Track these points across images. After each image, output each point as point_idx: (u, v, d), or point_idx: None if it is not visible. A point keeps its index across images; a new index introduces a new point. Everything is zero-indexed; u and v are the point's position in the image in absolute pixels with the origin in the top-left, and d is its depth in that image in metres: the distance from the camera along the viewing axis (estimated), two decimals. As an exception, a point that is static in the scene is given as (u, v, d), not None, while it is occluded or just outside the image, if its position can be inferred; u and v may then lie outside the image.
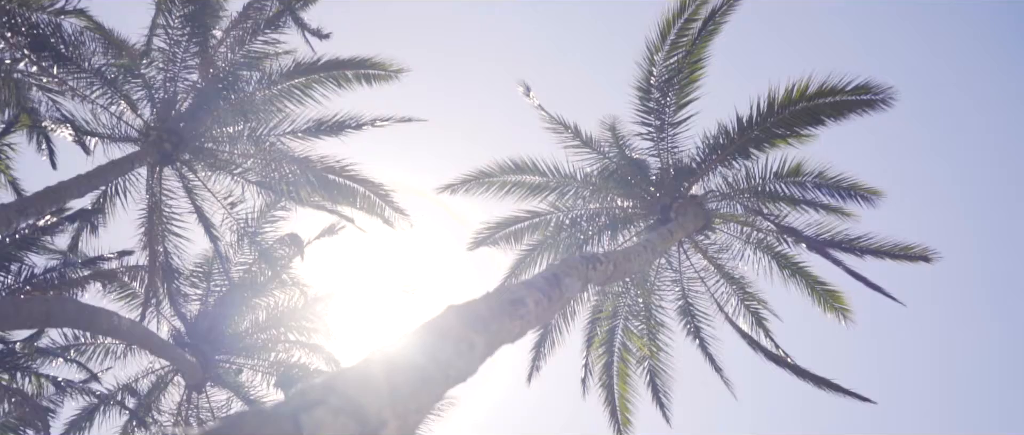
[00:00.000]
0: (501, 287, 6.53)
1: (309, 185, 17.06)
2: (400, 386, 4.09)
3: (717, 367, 15.10)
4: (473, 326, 5.38)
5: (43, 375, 16.63)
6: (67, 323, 11.88)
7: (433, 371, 4.52)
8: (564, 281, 7.53)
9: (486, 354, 5.49)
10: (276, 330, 19.33)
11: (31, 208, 11.30)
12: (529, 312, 6.45)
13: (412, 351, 4.53)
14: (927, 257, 13.37)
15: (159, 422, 19.14)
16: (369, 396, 3.73)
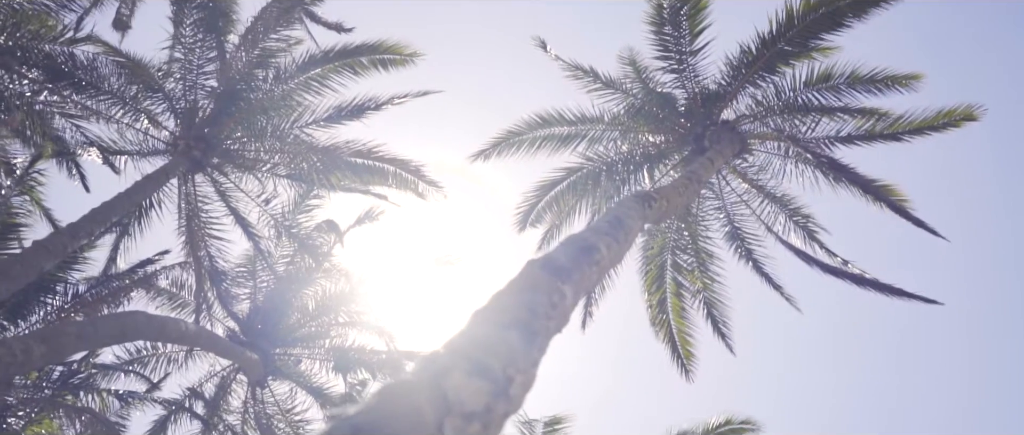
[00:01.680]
0: (571, 237, 6.56)
1: (339, 171, 17.14)
2: (513, 342, 4.15)
3: (776, 285, 15.05)
4: (558, 277, 5.44)
5: (106, 390, 16.98)
6: (140, 336, 12.10)
7: (537, 325, 4.58)
8: (626, 223, 7.55)
9: (574, 303, 5.55)
10: (326, 317, 19.55)
11: (82, 230, 11.45)
12: (603, 257, 6.49)
13: (513, 307, 4.58)
14: (972, 115, 13.12)
15: (227, 422, 19.51)
16: (491, 356, 3.79)
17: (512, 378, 3.80)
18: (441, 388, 3.25)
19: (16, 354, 7.47)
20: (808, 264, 14.68)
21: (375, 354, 18.78)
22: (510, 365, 3.85)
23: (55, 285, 14.29)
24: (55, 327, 8.62)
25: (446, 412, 3.11)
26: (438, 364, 3.49)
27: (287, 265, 19.01)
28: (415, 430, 2.90)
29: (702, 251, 15.59)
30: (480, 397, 3.43)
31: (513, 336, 4.18)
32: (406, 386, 3.14)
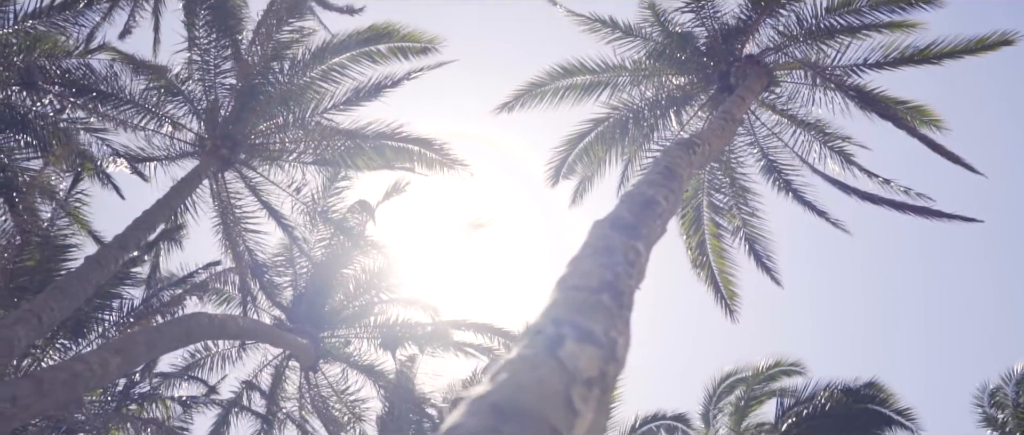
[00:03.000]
0: (630, 193, 6.59)
1: (364, 155, 17.21)
2: (608, 305, 4.20)
3: (820, 211, 14.96)
4: (629, 234, 5.48)
5: (168, 398, 17.35)
6: (204, 336, 12.32)
7: (622, 285, 4.63)
8: (677, 172, 7.58)
9: (647, 258, 5.60)
10: (368, 295, 19.70)
11: (130, 241, 11.60)
12: (664, 209, 6.53)
13: (596, 271, 4.63)
14: (1008, 40, 12.91)
15: (285, 409, 19.85)
16: (592, 322, 3.85)
17: (615, 340, 3.87)
18: (558, 359, 3.32)
19: (94, 368, 7.64)
20: (846, 193, 14.61)
21: (420, 327, 18.95)
22: (611, 328, 3.91)
23: (110, 301, 14.54)
24: (126, 337, 8.80)
25: (570, 381, 3.18)
26: (546, 335, 3.55)
27: (324, 249, 19.14)
28: (547, 402, 2.96)
29: (738, 188, 15.54)
30: (594, 363, 3.49)
31: (605, 299, 4.23)
32: (527, 361, 3.20)
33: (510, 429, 2.69)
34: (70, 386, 7.25)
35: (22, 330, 8.90)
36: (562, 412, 2.96)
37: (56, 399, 7.27)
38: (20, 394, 6.60)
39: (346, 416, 18.92)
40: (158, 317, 14.66)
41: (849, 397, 15.57)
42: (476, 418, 2.72)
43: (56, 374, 7.28)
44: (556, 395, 3.04)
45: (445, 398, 18.66)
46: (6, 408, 6.40)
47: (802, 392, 16.49)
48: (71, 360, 7.76)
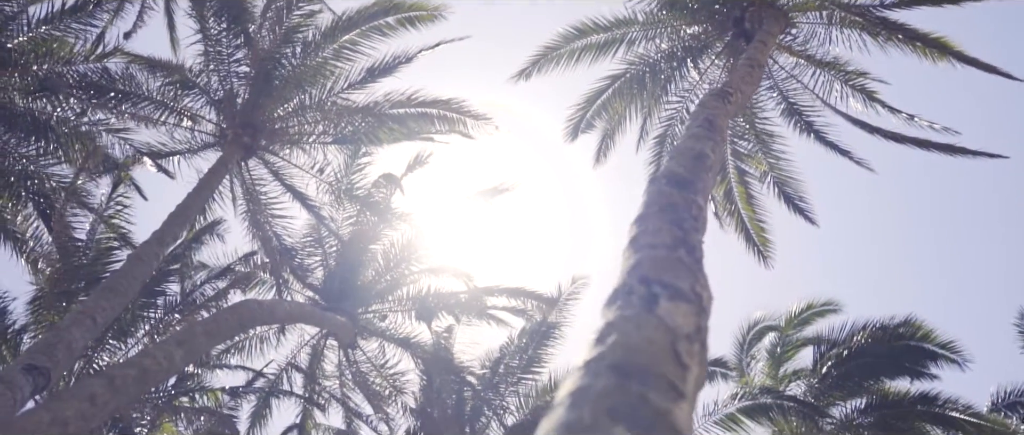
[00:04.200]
0: (679, 148, 6.67)
1: (384, 126, 17.28)
2: (686, 260, 4.30)
3: (843, 151, 14.91)
4: (687, 189, 5.56)
5: (216, 389, 17.66)
6: (256, 322, 12.52)
7: (692, 239, 4.73)
8: (717, 122, 7.64)
9: (706, 209, 5.70)
10: (399, 268, 19.81)
11: (167, 235, 11.75)
12: (713, 161, 6.61)
13: (666, 228, 4.72)
14: None
15: (326, 388, 20.10)
16: (678, 279, 3.94)
17: (700, 294, 3.97)
18: (659, 317, 3.42)
19: (161, 361, 7.81)
20: (869, 132, 14.59)
21: (454, 296, 19.07)
22: (695, 283, 4.01)
23: (154, 298, 14.78)
24: (185, 329, 8.98)
25: (674, 337, 3.28)
26: (640, 296, 3.66)
27: (351, 226, 19.21)
28: (660, 358, 3.07)
29: (761, 133, 15.54)
30: (690, 318, 3.59)
31: (683, 255, 4.33)
32: (631, 322, 3.30)
33: (636, 387, 2.78)
34: (140, 381, 7.42)
35: (78, 332, 9.08)
36: (675, 367, 3.07)
37: (129, 395, 7.45)
38: (96, 393, 6.77)
39: (387, 390, 19.15)
40: (203, 311, 14.89)
41: (887, 335, 15.63)
42: (601, 379, 2.82)
43: (126, 370, 7.45)
44: (666, 352, 3.14)
45: (483, 365, 18.86)
46: (86, 408, 6.57)
47: (838, 334, 16.50)
48: (138, 356, 7.93)
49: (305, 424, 19.54)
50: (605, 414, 2.58)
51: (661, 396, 2.80)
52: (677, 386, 2.97)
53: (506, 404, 18.53)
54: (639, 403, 2.69)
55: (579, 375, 2.96)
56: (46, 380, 8.22)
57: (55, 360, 8.39)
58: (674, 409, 2.76)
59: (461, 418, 18.36)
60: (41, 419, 6.20)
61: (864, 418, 15.70)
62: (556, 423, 2.64)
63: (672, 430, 2.61)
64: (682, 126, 16.28)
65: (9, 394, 7.57)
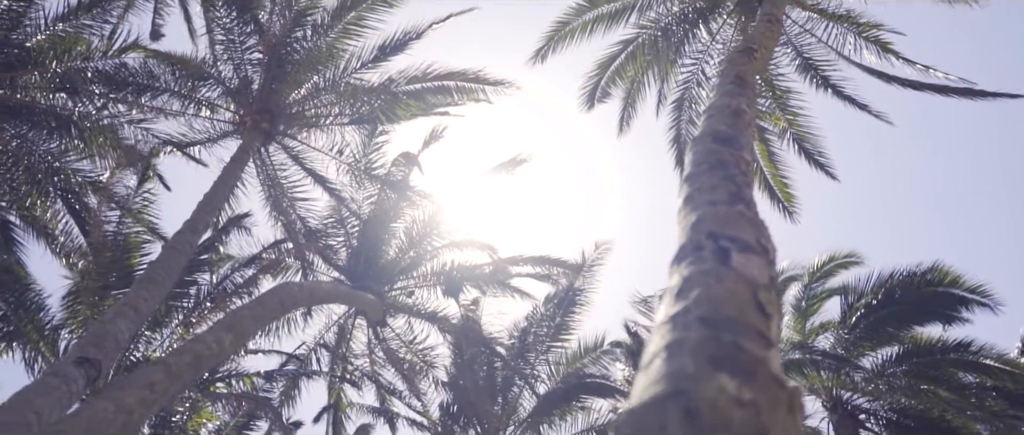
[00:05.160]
0: (716, 106, 6.68)
1: (401, 103, 17.31)
2: (748, 214, 4.35)
3: (861, 105, 14.86)
4: (733, 145, 5.61)
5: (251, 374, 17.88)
6: (297, 303, 12.66)
7: (746, 194, 4.77)
8: (747, 79, 7.64)
9: (752, 163, 5.75)
10: (422, 244, 19.91)
11: (199, 223, 11.86)
12: (750, 116, 6.64)
13: (721, 185, 4.77)
14: None
15: (357, 366, 20.31)
16: (743, 233, 4.00)
17: (766, 247, 4.03)
18: (735, 270, 3.49)
19: (212, 346, 7.95)
20: (886, 82, 14.50)
21: (479, 268, 19.16)
22: (760, 236, 4.07)
23: (187, 288, 14.95)
24: (232, 314, 9.11)
25: (754, 288, 3.35)
26: (711, 251, 3.73)
27: (372, 205, 19.27)
28: (745, 309, 3.14)
29: (778, 90, 15.49)
30: (763, 270, 3.66)
31: (743, 209, 4.38)
32: (711, 276, 3.37)
33: (728, 337, 2.85)
34: (195, 367, 7.56)
35: (123, 323, 9.21)
36: (759, 316, 3.14)
37: (185, 381, 7.60)
38: (155, 380, 6.91)
39: (418, 365, 19.33)
40: (234, 298, 15.06)
41: (915, 283, 15.62)
42: (693, 331, 2.89)
43: (181, 357, 7.58)
44: (749, 302, 3.21)
45: (511, 335, 19.03)
46: (146, 395, 6.71)
47: (865, 285, 16.51)
48: (191, 342, 8.06)
49: (338, 403, 19.77)
50: (707, 363, 2.65)
51: (754, 344, 2.87)
52: (765, 334, 3.04)
53: (536, 373, 18.71)
54: (735, 352, 2.76)
55: (667, 330, 3.03)
56: (97, 372, 8.36)
57: (105, 351, 8.53)
58: (768, 356, 2.83)
59: (493, 389, 18.57)
60: (106, 408, 6.34)
61: (896, 367, 15.78)
62: (659, 374, 2.71)
63: (772, 376, 2.68)
64: (699, 89, 16.28)
65: (65, 387, 7.71)
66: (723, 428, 2.31)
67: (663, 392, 2.53)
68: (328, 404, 19.63)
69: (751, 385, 2.55)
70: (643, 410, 2.49)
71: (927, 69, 13.86)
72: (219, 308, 15.71)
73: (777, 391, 2.61)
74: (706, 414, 2.35)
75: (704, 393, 2.44)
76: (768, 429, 2.38)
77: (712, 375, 2.55)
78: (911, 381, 15.52)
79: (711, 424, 2.29)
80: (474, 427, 18.61)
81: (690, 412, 2.36)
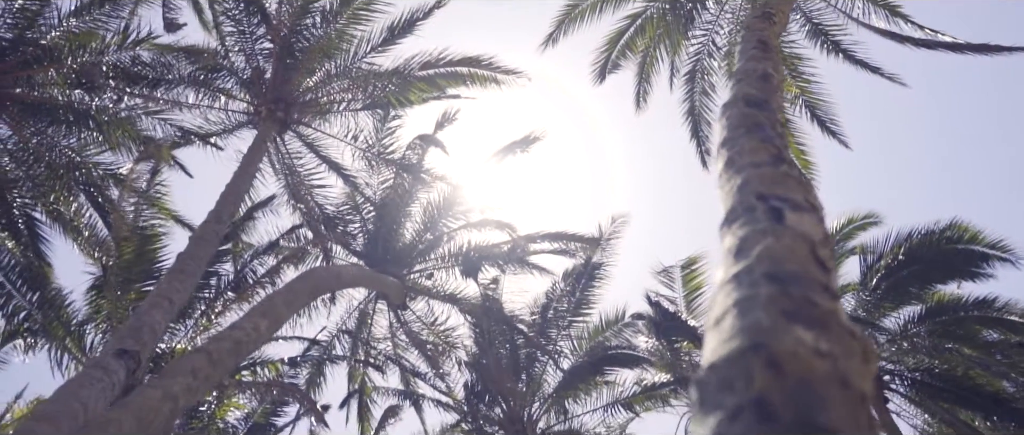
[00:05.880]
0: (744, 69, 6.70)
1: (413, 88, 17.34)
2: (792, 173, 4.39)
3: (874, 68, 14.83)
4: (765, 109, 5.64)
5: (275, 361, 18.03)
6: (326, 287, 12.78)
7: (786, 154, 4.82)
8: (769, 43, 7.67)
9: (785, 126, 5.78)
10: (438, 226, 19.97)
11: (224, 213, 11.95)
12: (777, 79, 6.65)
13: (762, 146, 4.80)
14: None
15: (380, 350, 20.43)
16: (792, 192, 4.04)
17: (814, 205, 4.08)
18: (791, 228, 3.54)
19: (250, 332, 8.05)
20: (899, 42, 14.46)
21: (496, 247, 19.20)
22: (808, 195, 4.12)
23: (209, 279, 15.07)
24: (266, 301, 9.20)
25: (812, 244, 3.40)
26: (763, 210, 3.78)
27: (387, 190, 19.32)
28: (807, 264, 3.18)
29: (790, 57, 15.46)
30: (817, 226, 3.70)
31: (787, 169, 4.43)
32: (769, 234, 3.42)
33: (797, 291, 2.90)
34: (234, 353, 7.67)
35: (158, 314, 9.33)
36: (821, 271, 3.19)
37: (226, 367, 7.70)
38: (198, 367, 7.01)
39: (441, 346, 19.44)
40: (259, 288, 15.18)
41: (934, 240, 15.58)
42: (762, 287, 2.94)
43: (220, 344, 7.69)
44: (809, 258, 3.26)
45: (532, 312, 19.10)
46: (190, 382, 6.81)
47: (883, 246, 16.47)
48: (228, 329, 8.17)
49: (364, 388, 19.91)
50: (781, 317, 2.71)
51: (822, 297, 2.92)
52: (829, 287, 3.09)
53: (559, 348, 18.81)
54: (806, 305, 2.81)
55: (731, 288, 3.08)
56: (136, 363, 8.48)
57: (142, 342, 8.64)
58: (836, 308, 2.88)
59: (516, 366, 18.67)
60: (153, 395, 6.44)
61: (919, 327, 15.80)
62: (734, 330, 2.76)
63: (844, 327, 2.73)
64: (710, 60, 16.27)
65: (107, 379, 7.83)
66: (806, 378, 2.36)
67: (742, 346, 2.58)
68: (354, 389, 19.77)
69: (826, 336, 2.60)
70: (725, 364, 2.54)
71: (936, 33, 13.83)
72: (242, 298, 15.82)
73: (850, 341, 2.66)
74: (789, 364, 2.40)
75: (784, 345, 2.49)
76: (849, 377, 2.44)
77: (788, 327, 2.61)
78: (934, 340, 15.55)
79: (795, 374, 2.34)
80: (499, 405, 18.73)
81: (773, 363, 2.41)
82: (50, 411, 7.02)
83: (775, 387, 2.29)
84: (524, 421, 18.38)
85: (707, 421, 2.34)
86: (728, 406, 2.30)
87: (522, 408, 18.55)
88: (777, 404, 2.23)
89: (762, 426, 2.13)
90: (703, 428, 2.33)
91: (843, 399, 2.30)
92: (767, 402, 2.23)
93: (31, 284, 15.23)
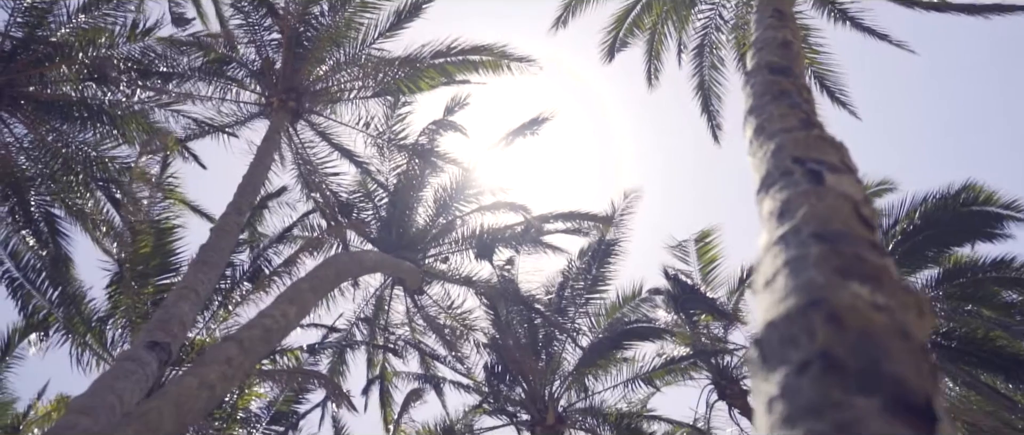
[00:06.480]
0: (763, 38, 6.72)
1: (423, 74, 17.35)
2: (825, 135, 4.43)
3: (881, 35, 14.75)
4: (790, 75, 5.66)
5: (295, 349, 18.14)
6: (349, 273, 12.84)
7: (813, 119, 4.85)
8: (785, 12, 7.68)
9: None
10: (451, 210, 19.99)
11: (243, 204, 12.02)
12: (797, 47, 6.67)
13: (790, 112, 4.83)
14: None
15: (398, 335, 20.52)
16: (827, 154, 4.08)
17: (850, 166, 4.12)
18: (831, 188, 3.58)
19: (278, 319, 8.13)
20: (909, 6, 14.39)
21: (510, 229, 19.21)
22: (843, 157, 4.16)
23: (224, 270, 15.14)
24: (292, 287, 9.27)
25: (853, 203, 3.44)
26: (801, 173, 3.82)
27: (399, 176, 19.34)
28: (850, 223, 3.23)
29: (798, 27, 15.39)
30: (856, 186, 3.74)
31: (820, 133, 4.46)
32: (812, 195, 3.46)
33: (847, 249, 2.95)
34: (265, 341, 7.75)
35: (186, 306, 9.41)
36: (866, 229, 3.23)
37: (258, 354, 7.79)
38: (231, 355, 7.09)
39: (458, 330, 19.52)
40: (274, 278, 15.29)
41: (950, 203, 15.53)
42: (811, 247, 2.99)
43: (251, 331, 7.77)
44: (853, 216, 3.30)
45: (548, 291, 19.16)
46: (225, 370, 6.89)
47: (899, 212, 16.43)
48: (258, 317, 8.23)
49: (384, 373, 20.03)
50: (834, 274, 2.75)
51: (872, 254, 2.96)
52: (877, 244, 3.13)
53: (577, 326, 18.88)
54: (858, 262, 2.86)
55: (779, 250, 3.13)
56: (168, 354, 8.57)
57: (172, 334, 8.74)
58: (888, 264, 2.92)
59: (535, 345, 18.75)
60: (190, 384, 6.53)
61: (937, 291, 15.80)
62: (788, 289, 2.80)
63: (897, 281, 2.77)
64: (718, 33, 16.23)
65: (141, 371, 7.92)
66: (867, 330, 2.40)
67: (801, 303, 2.62)
68: (375, 376, 19.89)
69: (881, 290, 2.64)
70: (785, 321, 2.58)
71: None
72: (259, 288, 15.92)
73: (905, 295, 2.71)
74: (849, 318, 2.44)
75: (842, 300, 2.53)
76: (908, 329, 2.48)
77: (844, 283, 2.65)
78: (953, 303, 15.56)
79: (856, 327, 2.38)
80: (520, 385, 18.83)
81: (833, 317, 2.46)
82: (87, 404, 7.11)
83: (838, 340, 2.34)
84: (545, 399, 18.49)
85: (772, 377, 2.38)
86: (794, 360, 2.34)
87: (542, 387, 18.64)
88: (843, 356, 2.27)
89: (831, 377, 2.18)
90: (768, 384, 2.37)
91: (905, 350, 2.33)
92: (833, 354, 2.27)
93: (53, 281, 15.35)
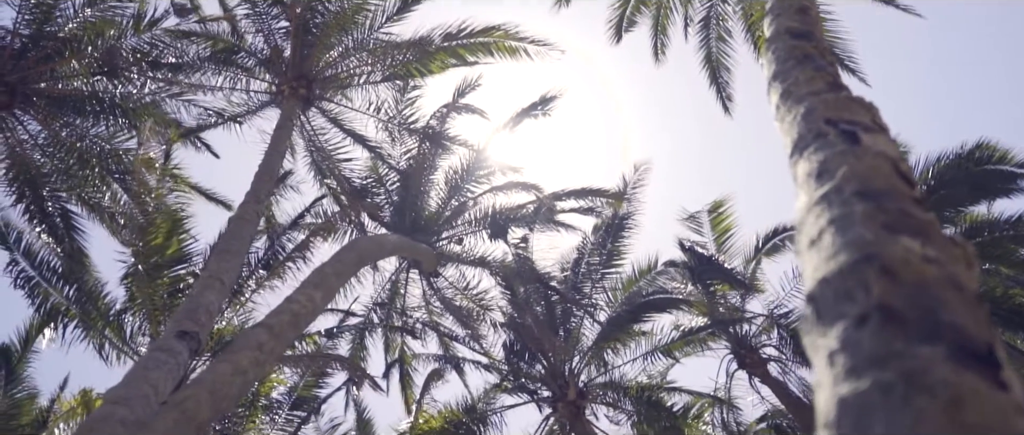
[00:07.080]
0: (778, 4, 6.70)
1: (434, 57, 17.32)
2: (853, 96, 4.44)
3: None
4: (810, 40, 5.65)
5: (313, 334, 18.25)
6: (371, 257, 12.93)
7: (838, 81, 4.86)
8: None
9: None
10: (463, 191, 20.01)
11: (261, 192, 12.07)
12: (814, 11, 6.66)
13: (817, 75, 4.84)
14: None
15: (414, 317, 20.60)
16: (858, 115, 4.09)
17: (882, 125, 4.13)
18: (867, 147, 3.61)
19: (305, 304, 8.21)
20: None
21: (523, 208, 19.20)
22: (875, 116, 4.17)
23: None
24: (316, 272, 9.33)
25: (891, 161, 3.46)
26: (835, 135, 3.84)
27: (411, 159, 19.35)
28: (891, 180, 3.25)
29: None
30: (890, 144, 3.76)
31: (848, 94, 4.47)
32: (849, 154, 3.49)
33: (891, 205, 2.98)
34: (294, 326, 7.83)
35: (212, 295, 9.49)
36: (906, 186, 3.26)
37: (288, 339, 7.87)
38: (262, 341, 7.17)
39: (475, 310, 19.60)
40: (289, 264, 15.38)
41: (964, 162, 15.48)
42: (856, 205, 3.02)
43: (280, 317, 7.84)
44: (892, 174, 3.32)
45: (563, 268, 19.22)
46: (256, 355, 6.97)
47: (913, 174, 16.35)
48: (285, 302, 8.30)
49: (404, 356, 20.14)
50: (883, 229, 2.78)
51: (916, 209, 2.99)
52: (920, 200, 3.16)
53: (594, 301, 18.94)
54: (904, 217, 2.89)
55: (822, 209, 3.17)
56: (198, 343, 8.66)
57: (200, 323, 8.82)
58: (933, 218, 2.95)
59: (553, 322, 18.83)
60: (224, 370, 6.61)
61: (954, 250, 15.72)
62: (837, 246, 2.84)
63: (944, 235, 2.80)
64: (724, 5, 16.17)
65: (172, 360, 8.01)
66: (921, 282, 2.43)
67: (852, 259, 2.66)
68: (394, 359, 20.01)
69: (930, 243, 2.68)
70: (838, 277, 2.62)
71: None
72: (274, 274, 16.02)
73: (953, 248, 2.74)
74: (902, 271, 2.48)
75: (894, 254, 2.57)
76: (960, 279, 2.51)
77: (893, 238, 2.68)
78: (970, 262, 15.47)
79: (910, 279, 2.42)
80: (540, 362, 18.92)
81: (887, 270, 2.49)
82: (123, 394, 7.20)
83: (894, 292, 2.37)
84: (565, 375, 18.58)
85: (830, 331, 2.42)
86: (851, 314, 2.38)
87: (562, 363, 18.74)
88: (900, 307, 2.31)
89: (891, 328, 2.22)
90: (826, 339, 2.41)
91: (960, 300, 2.37)
92: (890, 306, 2.31)
93: (69, 277, 15.45)
